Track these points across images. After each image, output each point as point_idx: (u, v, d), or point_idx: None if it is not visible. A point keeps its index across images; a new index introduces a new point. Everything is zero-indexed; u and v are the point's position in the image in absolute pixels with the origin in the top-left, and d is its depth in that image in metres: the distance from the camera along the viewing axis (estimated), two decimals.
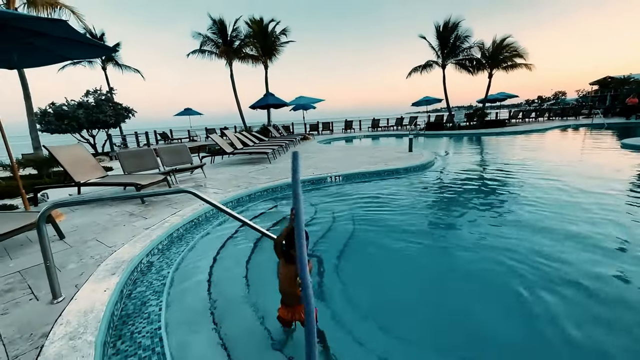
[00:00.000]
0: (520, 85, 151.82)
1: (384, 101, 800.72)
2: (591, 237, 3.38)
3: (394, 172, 6.81)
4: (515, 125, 21.03)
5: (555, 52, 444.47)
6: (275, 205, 5.08)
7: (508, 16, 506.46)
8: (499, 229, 3.80)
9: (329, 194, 5.66)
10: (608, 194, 4.89)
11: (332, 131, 23.32)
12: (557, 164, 7.83)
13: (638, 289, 2.46)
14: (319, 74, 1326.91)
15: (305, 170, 7.03)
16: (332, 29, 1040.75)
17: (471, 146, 12.80)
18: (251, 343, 2.02)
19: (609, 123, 18.30)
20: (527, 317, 2.21)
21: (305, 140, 17.15)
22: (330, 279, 2.81)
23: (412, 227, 3.96)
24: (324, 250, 3.40)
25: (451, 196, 5.36)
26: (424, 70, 22.62)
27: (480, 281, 2.72)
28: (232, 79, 19.48)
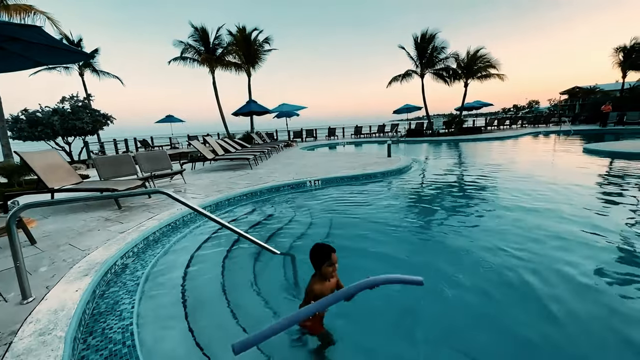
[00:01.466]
0: (498, 94, 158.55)
1: (367, 109, 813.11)
2: (548, 230, 3.67)
3: (371, 176, 7.03)
4: (491, 132, 21.98)
5: (531, 63, 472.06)
6: (253, 209, 5.17)
7: (483, 28, 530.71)
8: (469, 227, 4.05)
9: (307, 197, 5.80)
10: (569, 193, 5.28)
11: (315, 138, 23.59)
12: (525, 167, 8.32)
13: (594, 274, 2.71)
14: (303, 81, 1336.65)
15: (286, 176, 7.16)
16: (316, 37, 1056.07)
17: (448, 151, 13.32)
18: (225, 339, 2.10)
19: (576, 130, 19.47)
20: (489, 314, 2.40)
21: (289, 147, 17.30)
22: (304, 278, 2.92)
23: (385, 227, 4.13)
24: (300, 250, 3.52)
25: (424, 197, 5.62)
26: (404, 80, 23.33)
27: (452, 280, 2.84)
28: (214, 86, 19.46)
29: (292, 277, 2.97)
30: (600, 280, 2.61)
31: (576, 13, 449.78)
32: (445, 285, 2.62)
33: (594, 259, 2.96)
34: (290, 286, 2.82)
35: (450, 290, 2.57)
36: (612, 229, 3.66)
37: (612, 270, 2.76)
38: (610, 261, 2.94)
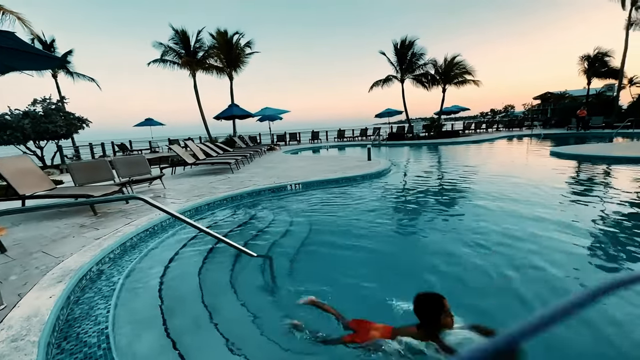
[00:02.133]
0: (475, 99, 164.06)
1: (351, 112, 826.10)
2: (508, 224, 3.95)
3: (351, 179, 7.22)
4: (468, 135, 22.80)
5: (508, 69, 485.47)
6: (233, 213, 5.23)
7: (461, 35, 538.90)
8: (446, 225, 4.28)
9: (288, 200, 5.90)
10: (535, 192, 5.64)
11: (299, 141, 23.70)
12: (497, 169, 8.77)
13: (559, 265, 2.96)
14: (287, 85, 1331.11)
15: (267, 180, 7.23)
16: (300, 41, 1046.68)
17: (428, 154, 13.77)
18: (202, 342, 2.18)
19: (546, 134, 20.53)
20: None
21: (272, 150, 17.32)
22: (283, 278, 3.03)
23: (364, 228, 4.27)
24: (280, 251, 3.62)
25: (402, 199, 5.85)
26: (385, 84, 23.94)
27: (430, 276, 2.99)
28: (195, 89, 19.26)
29: (269, 278, 3.07)
30: (564, 269, 2.86)
31: (549, 22, 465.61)
32: (423, 282, 2.78)
33: (556, 249, 3.23)
34: (268, 287, 2.92)
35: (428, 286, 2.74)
36: (573, 223, 3.98)
37: (573, 258, 3.03)
38: (571, 249, 3.21)
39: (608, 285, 0.55)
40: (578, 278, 2.80)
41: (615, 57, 23.27)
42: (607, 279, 0.51)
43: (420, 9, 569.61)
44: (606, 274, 2.90)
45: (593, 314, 2.16)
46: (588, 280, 2.75)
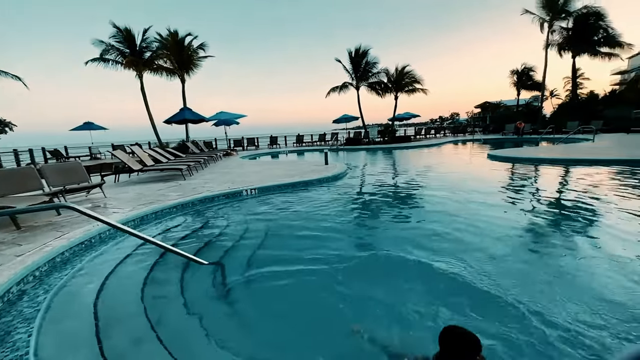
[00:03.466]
0: (425, 106, 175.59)
1: (310, 118, 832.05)
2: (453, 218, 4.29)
3: (307, 183, 7.28)
4: (420, 140, 24.32)
5: (453, 80, 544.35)
6: (184, 221, 4.97)
7: (411, 48, 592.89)
8: (400, 225, 4.49)
9: (244, 206, 5.77)
10: (475, 190, 6.20)
11: (257, 147, 23.32)
12: (444, 169, 9.48)
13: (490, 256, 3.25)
14: (245, 89, 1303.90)
15: (222, 185, 7.00)
16: (257, 46, 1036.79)
17: (382, 158, 14.41)
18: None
19: (485, 139, 22.70)
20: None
21: (229, 156, 16.81)
22: (236, 285, 2.94)
23: (320, 231, 4.32)
24: (234, 258, 3.52)
25: (357, 201, 6.03)
26: (342, 91, 24.63)
27: (384, 282, 3.09)
28: (143, 91, 18.01)
29: (221, 286, 2.97)
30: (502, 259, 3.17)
31: (488, 37, 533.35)
32: (378, 281, 2.88)
33: (495, 238, 3.57)
34: (220, 295, 2.82)
35: (379, 286, 2.85)
36: (507, 216, 4.44)
37: (507, 247, 3.37)
38: (504, 237, 3.58)
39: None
40: (510, 252, 3.13)
41: (538, 72, 26.63)
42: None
43: (373, 25, 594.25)
44: (531, 250, 3.28)
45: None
46: (518, 252, 3.10)
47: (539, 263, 3.23)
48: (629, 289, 2.56)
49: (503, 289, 2.61)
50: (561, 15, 22.11)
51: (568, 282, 2.75)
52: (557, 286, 2.66)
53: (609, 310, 2.25)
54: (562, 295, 2.49)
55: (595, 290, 2.55)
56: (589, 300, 2.40)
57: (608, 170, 7.82)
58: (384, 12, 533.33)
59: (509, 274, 2.94)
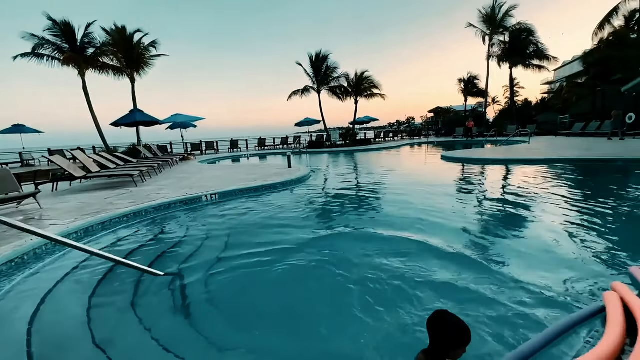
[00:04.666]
0: (385, 111, 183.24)
1: (273, 121, 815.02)
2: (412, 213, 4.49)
3: (271, 187, 7.16)
4: (379, 143, 25.26)
5: (409, 86, 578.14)
6: (136, 231, 4.60)
7: (368, 55, 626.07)
8: (363, 225, 4.55)
9: (203, 212, 5.50)
10: (428, 189, 6.56)
11: (217, 150, 22.47)
12: (402, 170, 9.92)
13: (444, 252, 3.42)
14: (204, 91, 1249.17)
15: (179, 191, 6.61)
16: (217, 46, 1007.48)
17: (344, 161, 14.71)
18: None
19: (438, 141, 24.27)
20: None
21: (186, 160, 15.94)
22: (196, 297, 2.77)
23: (285, 235, 4.22)
24: (193, 268, 3.31)
25: (322, 203, 6.05)
26: (303, 94, 24.75)
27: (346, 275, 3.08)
28: (85, 91, 16.40)
29: (179, 297, 2.79)
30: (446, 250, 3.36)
31: (440, 45, 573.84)
32: (343, 286, 2.88)
33: (445, 233, 3.79)
34: (177, 307, 2.64)
35: (342, 286, 2.86)
36: (457, 211, 4.75)
37: (455, 222, 3.59)
38: (455, 231, 3.80)
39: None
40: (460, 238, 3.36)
41: (481, 80, 29.16)
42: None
43: (336, 30, 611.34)
44: (476, 236, 3.55)
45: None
46: (465, 238, 3.33)
47: (482, 239, 3.68)
48: (555, 257, 2.88)
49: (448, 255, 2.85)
50: (499, 30, 24.51)
51: (505, 252, 3.09)
52: (495, 254, 2.95)
53: (538, 278, 2.56)
54: (499, 261, 2.77)
55: (530, 258, 2.86)
56: (523, 268, 2.73)
57: (542, 168, 8.79)
58: (341, 24, 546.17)
59: (457, 246, 3.31)
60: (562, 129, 22.58)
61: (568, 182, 7.06)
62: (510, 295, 2.45)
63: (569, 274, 2.76)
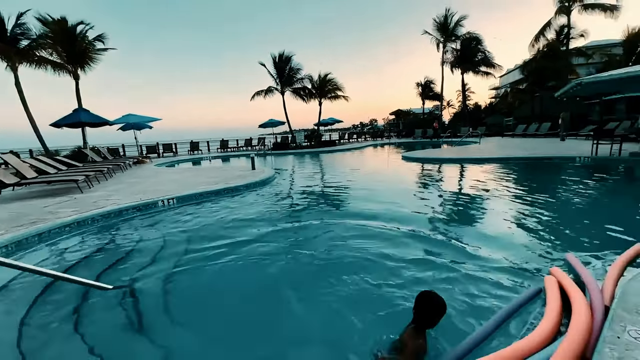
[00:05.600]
0: (349, 112, 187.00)
1: (235, 122, 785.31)
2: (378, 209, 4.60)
3: (233, 189, 6.93)
4: (344, 144, 25.70)
5: (372, 89, 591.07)
6: (81, 242, 4.18)
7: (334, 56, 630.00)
8: (327, 225, 4.53)
9: (159, 218, 5.15)
10: (389, 187, 6.78)
11: (175, 153, 21.30)
12: (366, 169, 10.17)
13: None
14: (161, 90, 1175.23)
15: (132, 197, 6.13)
16: (179, 44, 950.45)
17: (310, 162, 14.73)
18: None
19: (399, 142, 25.30)
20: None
21: (141, 164, 14.89)
22: (150, 311, 2.56)
23: (247, 237, 4.09)
24: (147, 280, 3.07)
25: (288, 205, 5.97)
26: (267, 95, 24.38)
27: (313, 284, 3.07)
28: (18, 87, 14.61)
29: (133, 312, 2.57)
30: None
31: (400, 49, 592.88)
32: (309, 289, 2.84)
33: (409, 214, 3.92)
34: (130, 323, 2.43)
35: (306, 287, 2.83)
36: (415, 205, 4.96)
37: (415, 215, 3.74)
38: (414, 226, 3.96)
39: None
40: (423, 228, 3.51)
41: (437, 85, 30.96)
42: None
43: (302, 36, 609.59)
44: (436, 226, 3.74)
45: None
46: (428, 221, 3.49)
47: (437, 229, 3.95)
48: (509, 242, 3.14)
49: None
50: (451, 38, 26.25)
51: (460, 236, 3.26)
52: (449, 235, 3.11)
53: (488, 263, 2.75)
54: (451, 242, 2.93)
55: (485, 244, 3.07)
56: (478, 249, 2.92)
57: (491, 166, 9.53)
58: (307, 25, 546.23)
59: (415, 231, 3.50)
60: (507, 130, 24.75)
61: (514, 178, 7.74)
62: (464, 279, 2.68)
63: (516, 259, 3.05)
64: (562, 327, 1.84)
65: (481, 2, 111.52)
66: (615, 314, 1.73)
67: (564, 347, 1.51)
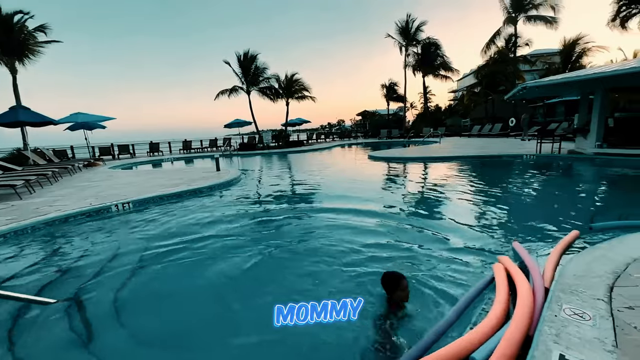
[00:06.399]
0: (315, 113, 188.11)
1: (199, 122, 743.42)
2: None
3: (197, 191, 6.64)
4: (312, 144, 25.74)
5: (339, 90, 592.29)
6: (19, 253, 3.75)
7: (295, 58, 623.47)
8: (296, 225, 4.49)
9: (113, 224, 4.79)
10: (357, 185, 6.91)
11: (133, 155, 19.94)
12: (333, 168, 10.28)
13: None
14: (116, 87, 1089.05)
15: (81, 202, 5.64)
16: (137, 40, 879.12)
17: (277, 162, 14.56)
18: None
19: (366, 142, 25.90)
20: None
21: (93, 166, 13.73)
22: (101, 325, 2.36)
23: (211, 240, 3.94)
24: (97, 291, 2.83)
25: (254, 205, 5.82)
26: (232, 94, 23.71)
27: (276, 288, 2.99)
28: None
29: (80, 325, 2.36)
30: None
31: (366, 51, 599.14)
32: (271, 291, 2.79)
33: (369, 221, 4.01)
34: (78, 337, 2.22)
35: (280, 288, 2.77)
36: (383, 202, 5.09)
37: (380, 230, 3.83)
38: (380, 221, 4.06)
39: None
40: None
41: (401, 87, 32.15)
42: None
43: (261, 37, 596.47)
44: (400, 220, 3.88)
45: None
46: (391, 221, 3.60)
47: (401, 220, 4.21)
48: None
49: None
50: (413, 42, 27.41)
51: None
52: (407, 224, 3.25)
53: (444, 252, 2.89)
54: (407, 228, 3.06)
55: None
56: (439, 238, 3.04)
57: (450, 164, 10.10)
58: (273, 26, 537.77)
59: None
60: (464, 130, 26.37)
61: (470, 174, 8.27)
62: (424, 265, 2.94)
63: (471, 245, 3.33)
64: (511, 310, 1.98)
65: (440, 9, 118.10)
66: (554, 295, 1.90)
67: (511, 329, 1.62)
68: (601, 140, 9.33)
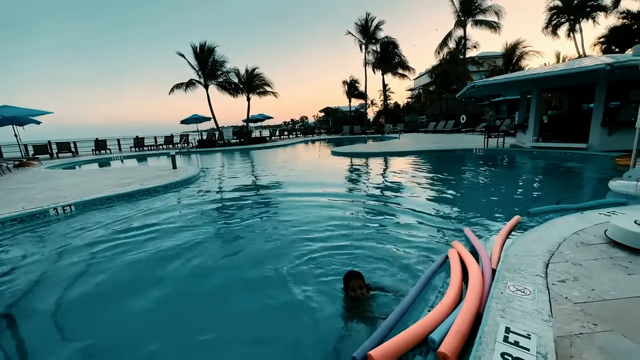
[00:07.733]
0: (280, 109, 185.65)
1: (153, 118, 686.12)
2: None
3: (151, 191, 6.20)
4: (275, 141, 25.37)
5: (302, 87, 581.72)
6: None
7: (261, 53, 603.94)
8: (258, 223, 4.37)
9: (51, 230, 4.29)
10: (320, 179, 6.94)
11: (75, 153, 18.07)
12: (298, 165, 10.22)
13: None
14: (56, 79, 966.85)
15: (8, 207, 4.97)
16: (85, 25, 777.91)
17: (239, 159, 14.11)
18: None
19: (329, 138, 26.15)
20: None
21: (25, 166, 12.19)
22: (38, 340, 2.11)
23: (168, 241, 3.70)
24: (36, 305, 2.51)
25: (214, 204, 5.58)
26: (189, 89, 22.53)
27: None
28: None
29: (13, 345, 2.09)
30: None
31: (329, 48, 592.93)
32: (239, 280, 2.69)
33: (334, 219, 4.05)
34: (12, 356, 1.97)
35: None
36: (345, 195, 5.17)
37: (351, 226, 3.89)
38: (346, 215, 4.11)
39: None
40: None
41: (362, 84, 32.91)
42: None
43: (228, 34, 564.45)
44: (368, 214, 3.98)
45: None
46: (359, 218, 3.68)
47: (365, 211, 4.33)
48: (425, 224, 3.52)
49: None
50: (372, 41, 28.14)
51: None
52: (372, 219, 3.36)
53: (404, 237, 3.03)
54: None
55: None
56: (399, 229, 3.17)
57: (409, 158, 10.59)
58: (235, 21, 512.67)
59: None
60: (421, 127, 27.79)
61: (426, 167, 8.75)
62: (383, 251, 3.10)
63: (428, 233, 3.52)
64: (464, 291, 2.12)
65: (397, 9, 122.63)
66: (500, 274, 2.06)
67: (464, 309, 1.74)
68: (537, 135, 10.39)
